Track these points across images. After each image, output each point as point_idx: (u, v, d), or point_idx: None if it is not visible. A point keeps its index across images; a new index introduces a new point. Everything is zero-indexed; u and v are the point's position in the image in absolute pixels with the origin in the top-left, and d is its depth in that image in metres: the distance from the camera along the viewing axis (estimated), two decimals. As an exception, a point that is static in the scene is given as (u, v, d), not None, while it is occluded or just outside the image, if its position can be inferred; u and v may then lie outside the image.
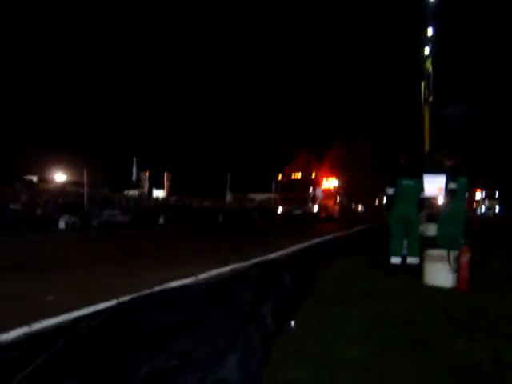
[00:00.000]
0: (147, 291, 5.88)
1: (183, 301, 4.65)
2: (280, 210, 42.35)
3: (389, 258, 9.00)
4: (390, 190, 9.02)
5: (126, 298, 5.17)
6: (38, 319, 4.98)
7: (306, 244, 14.98)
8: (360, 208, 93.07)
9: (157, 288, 6.27)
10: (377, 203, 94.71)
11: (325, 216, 43.55)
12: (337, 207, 49.91)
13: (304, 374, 3.58)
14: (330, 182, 49.58)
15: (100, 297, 6.16)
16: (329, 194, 47.74)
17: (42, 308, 5.66)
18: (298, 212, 40.70)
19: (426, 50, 36.72)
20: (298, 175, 42.52)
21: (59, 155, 56.70)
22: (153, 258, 12.31)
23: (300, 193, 41.16)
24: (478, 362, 3.90)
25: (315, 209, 41.22)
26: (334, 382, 3.51)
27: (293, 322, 4.68)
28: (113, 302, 5.30)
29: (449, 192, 9.16)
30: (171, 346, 3.49)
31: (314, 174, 42.42)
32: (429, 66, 35.89)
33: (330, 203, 46.85)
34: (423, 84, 35.51)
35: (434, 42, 36.60)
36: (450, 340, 4.43)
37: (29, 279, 8.48)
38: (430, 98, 35.22)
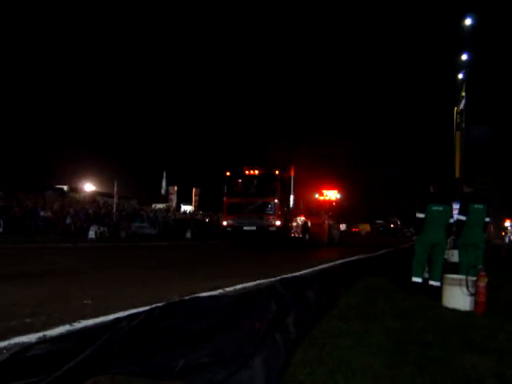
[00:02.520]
0: (177, 299, 6.26)
1: (213, 308, 5.02)
2: (225, 223, 27.90)
3: (410, 279, 9.32)
4: (420, 215, 9.33)
5: (159, 304, 5.57)
6: (77, 320, 5.38)
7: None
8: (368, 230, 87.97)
9: (187, 297, 6.65)
10: (392, 226, 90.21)
11: (315, 238, 31.64)
12: (337, 230, 38.52)
13: (321, 376, 3.94)
14: (330, 194, 40.54)
15: (133, 302, 6.57)
16: (327, 210, 37.07)
17: (80, 310, 6.08)
18: (251, 228, 26.79)
19: (460, 76, 36.81)
20: (254, 170, 28.06)
21: (89, 166, 57.66)
22: (180, 270, 12.73)
23: (257, 197, 27.21)
24: (482, 376, 4.22)
25: (277, 224, 26.58)
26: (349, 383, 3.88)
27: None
28: (145, 308, 5.68)
29: (458, 223, 9.49)
30: (203, 346, 3.87)
31: (283, 171, 28.02)
32: (462, 91, 35.89)
33: (326, 224, 34.55)
34: (455, 109, 35.57)
35: (469, 67, 36.56)
36: (459, 357, 4.74)
37: (65, 284, 8.95)
38: (463, 124, 35.18)
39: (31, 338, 4.55)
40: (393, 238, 67.92)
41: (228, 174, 28.37)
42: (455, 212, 9.78)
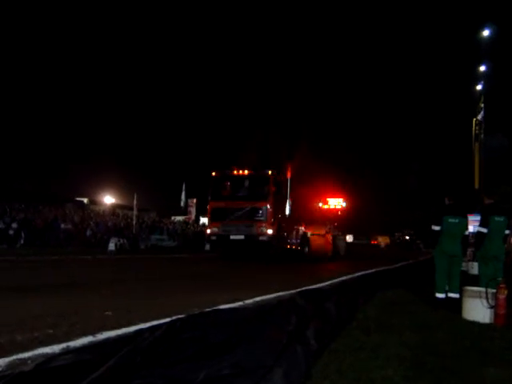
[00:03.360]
0: (198, 311, 6.31)
1: (234, 320, 5.07)
2: (209, 231, 24.75)
3: (432, 293, 9.31)
4: (436, 227, 9.34)
5: (180, 316, 5.63)
6: (99, 331, 5.45)
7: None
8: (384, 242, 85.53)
9: (207, 309, 6.71)
10: (407, 238, 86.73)
11: (316, 252, 28.53)
12: (343, 241, 35.40)
13: (342, 388, 3.98)
14: (335, 203, 37.92)
15: (153, 314, 6.64)
16: (332, 220, 34.12)
17: (102, 321, 6.16)
18: (239, 237, 23.41)
19: (478, 87, 36.65)
20: (244, 171, 24.78)
21: (109, 178, 58.01)
22: (200, 282, 12.81)
23: (246, 201, 23.77)
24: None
25: (269, 232, 23.19)
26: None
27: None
28: (166, 320, 5.74)
29: (478, 235, 9.47)
30: (224, 358, 3.91)
31: (277, 172, 24.80)
32: (481, 102, 35.74)
33: (329, 235, 30.90)
34: (474, 121, 35.41)
35: (487, 78, 36.39)
36: (479, 369, 4.75)
37: (86, 295, 9.07)
38: (481, 135, 34.99)
39: (55, 348, 4.62)
40: (408, 250, 66.07)
41: (214, 174, 25.01)
42: (475, 224, 9.77)
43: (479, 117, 34.97)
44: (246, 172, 24.75)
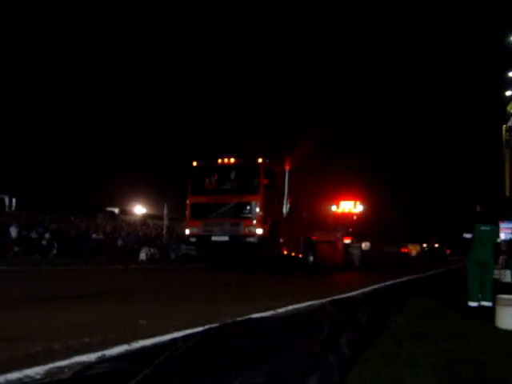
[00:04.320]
0: (231, 320, 6.36)
1: (266, 329, 5.11)
2: (187, 231, 21.06)
3: (464, 302, 9.24)
4: (468, 235, 9.29)
5: (213, 325, 5.69)
6: (134, 339, 5.51)
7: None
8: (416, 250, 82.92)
9: (240, 318, 6.75)
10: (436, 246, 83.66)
11: (324, 261, 24.74)
12: (358, 249, 31.20)
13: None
14: (350, 206, 32.58)
15: (186, 323, 6.69)
16: (346, 225, 30.07)
17: (136, 330, 6.23)
18: (222, 238, 19.82)
19: (508, 93, 36.26)
20: (230, 159, 20.98)
21: (140, 188, 58.33)
22: (231, 291, 12.85)
23: (231, 195, 20.23)
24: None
25: (259, 233, 19.37)
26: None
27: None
28: (199, 329, 5.79)
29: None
30: (258, 366, 3.95)
31: (270, 161, 21.11)
32: (511, 108, 35.37)
33: (340, 242, 27.75)
34: (504, 127, 35.04)
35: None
36: (513, 377, 4.73)
37: (119, 304, 9.18)
38: (512, 142, 34.61)
39: (91, 357, 4.69)
40: (436, 259, 64.39)
41: (195, 164, 21.40)
42: (507, 231, 9.72)
43: (509, 123, 34.60)
44: (233, 161, 21.03)
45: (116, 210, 53.56)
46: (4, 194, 35.86)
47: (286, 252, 21.40)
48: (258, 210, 19.69)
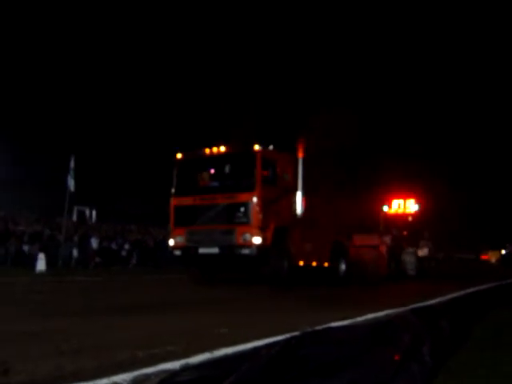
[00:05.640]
0: (310, 329, 6.37)
1: (346, 338, 5.10)
2: (171, 242, 17.11)
3: None
4: None
5: (293, 333, 5.72)
6: (216, 347, 5.61)
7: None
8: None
9: (318, 327, 6.75)
10: None
11: (360, 269, 20.93)
12: (413, 256, 26.73)
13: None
14: (407, 205, 28.38)
15: (266, 331, 6.74)
16: (399, 227, 26.61)
17: (217, 338, 6.34)
18: (211, 250, 15.88)
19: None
20: (219, 148, 16.82)
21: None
22: (308, 299, 12.87)
23: (221, 194, 16.40)
24: None
25: (257, 242, 15.29)
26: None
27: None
28: (279, 337, 5.83)
29: None
30: (340, 375, 3.96)
31: (269, 148, 16.93)
32: None
33: (384, 247, 23.69)
34: None
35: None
36: None
37: (199, 313, 9.44)
38: None
39: (175, 364, 4.80)
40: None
41: (180, 157, 17.41)
42: None
43: None
44: (223, 150, 16.76)
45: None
46: (85, 206, 37.07)
47: (302, 263, 17.39)
48: (254, 211, 15.47)
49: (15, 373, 4.42)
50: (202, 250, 15.96)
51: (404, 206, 29.54)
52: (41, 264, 22.97)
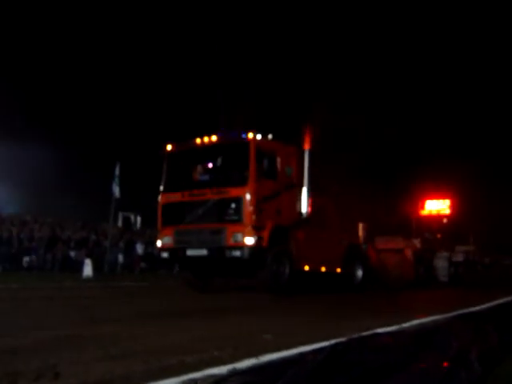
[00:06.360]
0: (357, 335, 6.36)
1: (392, 344, 5.10)
2: (159, 244, 15.40)
3: None
4: None
5: (339, 340, 5.73)
6: (261, 353, 5.63)
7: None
8: None
9: (365, 333, 6.73)
10: None
11: (386, 276, 20.05)
12: (446, 260, 24.75)
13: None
14: (439, 206, 27.12)
15: (311, 337, 6.73)
16: (433, 230, 24.90)
17: (262, 344, 6.36)
18: (199, 252, 14.19)
19: None
20: (211, 138, 14.93)
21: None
22: (352, 306, 12.82)
23: (210, 189, 14.41)
24: None
25: (249, 243, 13.36)
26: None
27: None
28: (325, 343, 5.84)
29: None
30: (386, 382, 3.97)
31: (264, 137, 14.64)
32: None
33: (409, 251, 22.02)
34: None
35: None
36: None
37: (243, 319, 9.47)
38: None
39: (222, 370, 4.84)
40: None
41: (170, 148, 15.70)
42: None
43: None
44: (214, 139, 14.97)
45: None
46: (130, 212, 37.48)
47: (307, 268, 15.61)
48: (247, 208, 13.66)
49: (66, 376, 4.50)
50: (189, 252, 14.42)
51: (439, 207, 28.02)
52: (87, 270, 23.35)
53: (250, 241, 13.36)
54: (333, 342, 5.65)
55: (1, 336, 6.63)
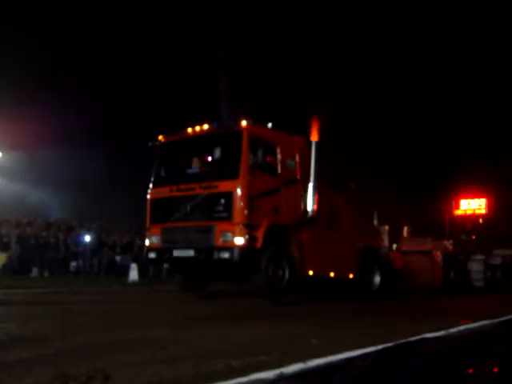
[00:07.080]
0: (405, 340, 6.32)
1: (440, 349, 5.05)
2: (147, 243, 14.18)
3: None
4: None
5: (386, 344, 5.70)
6: (307, 358, 5.64)
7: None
8: None
9: (413, 338, 6.69)
10: None
11: (412, 282, 18.83)
12: (481, 264, 23.15)
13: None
14: (474, 205, 25.52)
15: (355, 342, 6.71)
16: (467, 231, 23.84)
17: (308, 349, 6.38)
18: (186, 252, 12.82)
19: None
20: (202, 127, 13.50)
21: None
22: (397, 310, 12.72)
23: (199, 184, 13.03)
24: None
25: (239, 243, 12.04)
26: None
27: None
28: (371, 349, 5.82)
29: None
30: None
31: (259, 126, 13.40)
32: None
33: (438, 254, 20.55)
34: None
35: None
36: None
37: (285, 324, 9.61)
38: None
39: (269, 374, 4.87)
40: None
41: (162, 139, 14.39)
42: None
43: None
44: (206, 128, 13.59)
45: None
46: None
47: (312, 272, 14.08)
48: (237, 204, 12.32)
49: (115, 379, 4.58)
50: (176, 253, 13.20)
51: (474, 206, 26.13)
52: (133, 274, 23.66)
53: (240, 241, 12.14)
54: (380, 347, 5.63)
55: (51, 339, 6.77)
